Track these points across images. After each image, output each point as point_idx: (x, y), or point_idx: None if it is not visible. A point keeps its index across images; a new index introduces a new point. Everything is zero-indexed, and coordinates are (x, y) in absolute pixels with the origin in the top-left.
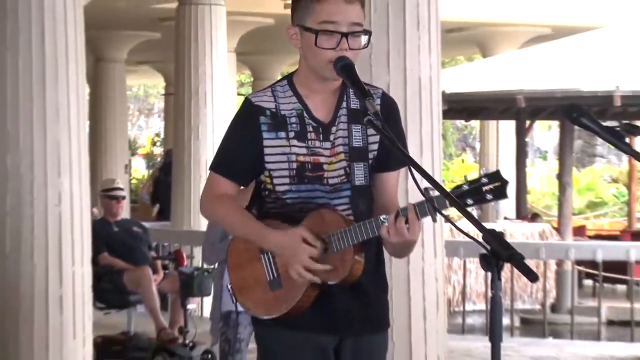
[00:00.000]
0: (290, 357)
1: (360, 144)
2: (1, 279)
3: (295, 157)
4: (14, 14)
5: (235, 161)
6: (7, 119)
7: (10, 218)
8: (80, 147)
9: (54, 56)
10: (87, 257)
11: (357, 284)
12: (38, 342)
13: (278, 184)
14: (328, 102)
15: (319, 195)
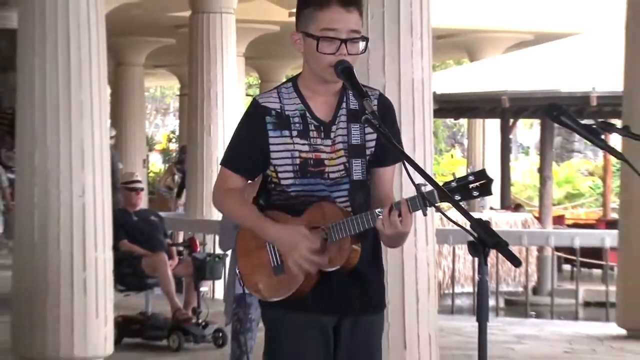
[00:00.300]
0: (294, 336)
1: (358, 141)
2: (30, 265)
3: (298, 153)
4: (42, 22)
5: (243, 157)
6: (34, 118)
7: (38, 209)
8: (102, 143)
9: (78, 60)
10: (108, 244)
11: (356, 272)
12: (64, 322)
13: (283, 177)
14: (329, 103)
15: (320, 189)
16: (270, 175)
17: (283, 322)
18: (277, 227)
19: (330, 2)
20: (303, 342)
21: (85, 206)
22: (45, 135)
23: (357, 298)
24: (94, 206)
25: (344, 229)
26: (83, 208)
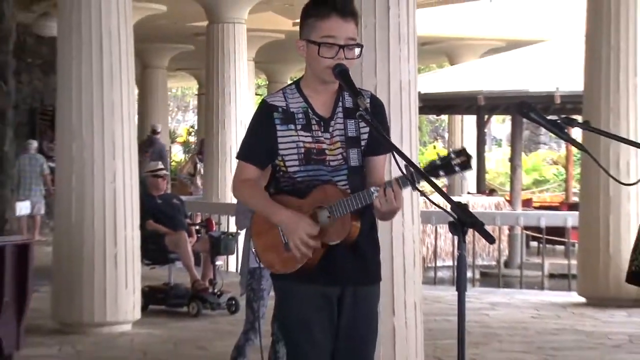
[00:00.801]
0: (302, 305)
1: (354, 134)
2: (68, 242)
3: (302, 144)
4: (78, 31)
5: (255, 150)
6: (72, 114)
7: (75, 194)
8: (131, 136)
9: (109, 65)
10: (136, 224)
11: (355, 246)
12: (98, 292)
13: (290, 165)
14: (327, 102)
15: (322, 174)
16: (278, 165)
17: (292, 292)
18: (283, 213)
19: (330, 14)
20: (309, 312)
21: (115, 191)
22: (81, 129)
23: (356, 271)
24: (123, 191)
25: (345, 206)
26: (114, 192)
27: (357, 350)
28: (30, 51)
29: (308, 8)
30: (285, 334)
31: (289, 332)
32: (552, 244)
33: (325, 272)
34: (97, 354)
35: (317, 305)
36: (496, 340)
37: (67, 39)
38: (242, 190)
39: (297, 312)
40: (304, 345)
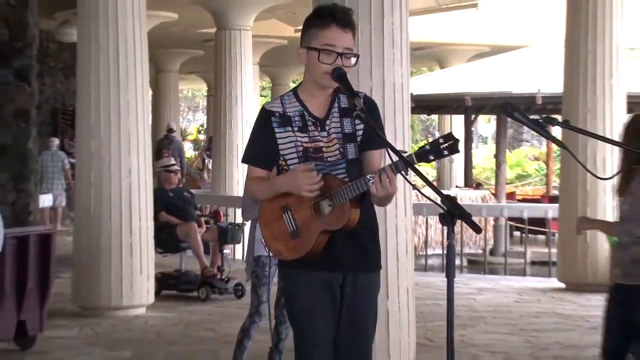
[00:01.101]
0: (306, 292)
1: (350, 130)
2: (87, 232)
3: (300, 143)
4: (96, 38)
5: (258, 152)
6: (91, 114)
7: (93, 188)
8: (145, 135)
9: (125, 68)
10: (149, 215)
11: (355, 235)
12: (114, 278)
13: (291, 163)
14: (323, 103)
15: (321, 168)
16: (281, 164)
17: (297, 280)
18: (281, 179)
19: (330, 24)
20: (313, 298)
21: (131, 185)
22: (99, 128)
23: (356, 258)
24: (138, 185)
25: (344, 194)
26: (129, 186)
27: (357, 336)
28: (53, 56)
29: (310, 18)
30: (292, 319)
31: (295, 317)
32: (533, 234)
33: (327, 259)
34: (114, 336)
35: (320, 292)
36: (482, 323)
37: (86, 45)
38: (250, 187)
39: (301, 299)
40: (308, 330)
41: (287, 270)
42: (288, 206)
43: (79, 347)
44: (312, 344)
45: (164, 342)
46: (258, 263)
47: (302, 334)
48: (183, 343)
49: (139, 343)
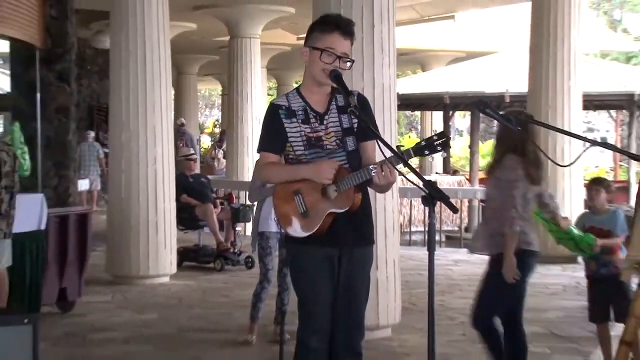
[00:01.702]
0: (309, 264)
1: (348, 125)
2: (119, 212)
3: (304, 133)
4: (126, 45)
5: (270, 140)
6: (122, 111)
7: (124, 174)
8: (168, 128)
9: (151, 71)
10: (172, 197)
11: (353, 216)
12: (142, 252)
13: (297, 149)
14: (322, 100)
15: (321, 156)
16: (288, 150)
17: (302, 254)
18: (305, 168)
19: (334, 30)
20: (315, 270)
21: (156, 171)
22: (129, 122)
23: (352, 236)
24: (162, 171)
25: (349, 181)
26: (155, 173)
27: (353, 301)
28: (89, 61)
29: (317, 23)
30: (296, 288)
31: (300, 287)
32: None
33: (328, 237)
34: (142, 301)
35: (321, 265)
36: (458, 290)
37: (117, 51)
38: (268, 170)
39: (305, 270)
40: (310, 297)
41: (294, 246)
42: (299, 190)
43: (112, 310)
44: (314, 308)
45: (185, 306)
46: (262, 237)
47: (305, 300)
48: (202, 307)
49: (163, 307)
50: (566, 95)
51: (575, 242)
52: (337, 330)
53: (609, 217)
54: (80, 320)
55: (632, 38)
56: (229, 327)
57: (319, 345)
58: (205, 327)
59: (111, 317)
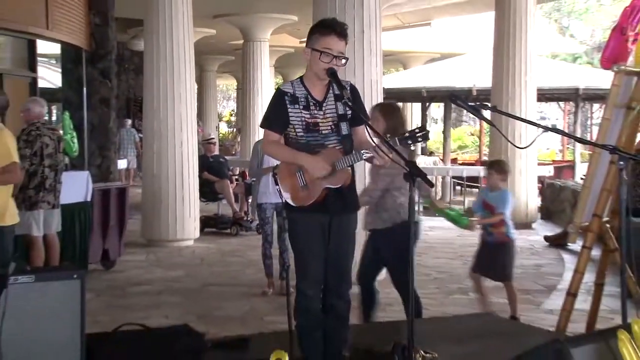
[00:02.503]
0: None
1: (342, 112)
2: (151, 187)
3: (304, 118)
4: (158, 47)
5: (274, 119)
6: (154, 102)
7: (156, 155)
8: (192, 117)
9: (178, 69)
10: (195, 175)
11: (341, 189)
12: (171, 220)
13: (298, 131)
14: (321, 90)
15: (318, 139)
16: (290, 132)
17: (300, 220)
18: (305, 157)
19: (331, 33)
20: (310, 233)
21: (182, 153)
22: (159, 112)
23: (340, 204)
24: (187, 153)
25: (344, 162)
26: (181, 154)
27: (341, 258)
28: (126, 60)
29: (316, 27)
30: (294, 247)
31: (297, 246)
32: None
33: (320, 206)
34: (170, 260)
35: (315, 228)
36: (433, 251)
37: (150, 52)
38: (272, 148)
39: (303, 233)
40: (307, 254)
41: (292, 214)
42: (301, 168)
43: (146, 267)
44: (310, 263)
45: (206, 265)
46: (260, 208)
47: (302, 257)
48: (220, 265)
49: (188, 265)
50: (523, 89)
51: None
52: (329, 282)
53: (498, 196)
54: (120, 275)
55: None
56: (243, 282)
57: (314, 293)
58: (223, 282)
59: (145, 274)
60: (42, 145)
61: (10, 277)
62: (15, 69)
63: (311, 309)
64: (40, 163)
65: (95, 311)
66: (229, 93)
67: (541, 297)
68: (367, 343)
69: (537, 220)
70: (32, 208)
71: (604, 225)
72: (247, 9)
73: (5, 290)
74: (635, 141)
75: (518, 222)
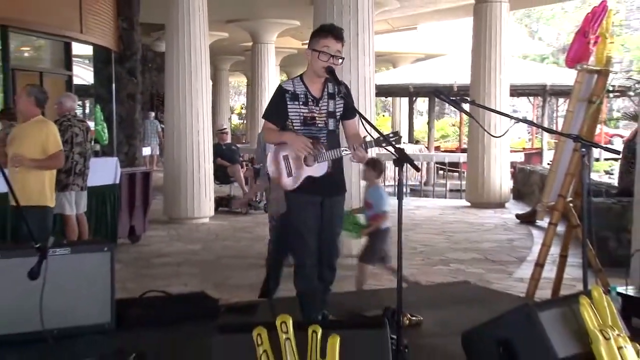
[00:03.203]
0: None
1: (332, 109)
2: (172, 171)
3: (302, 113)
4: (177, 49)
5: (274, 114)
6: (174, 97)
7: (175, 143)
8: (207, 110)
9: (195, 67)
10: (210, 160)
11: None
12: (189, 199)
13: (295, 125)
14: (319, 88)
15: (313, 131)
16: (289, 125)
17: (296, 199)
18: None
19: (328, 35)
20: (306, 210)
21: (199, 141)
22: (179, 105)
23: (330, 188)
24: (203, 141)
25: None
26: (198, 142)
27: (331, 233)
28: (150, 60)
29: (316, 31)
30: (292, 224)
31: (295, 223)
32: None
33: (314, 189)
34: (189, 235)
35: (309, 207)
36: (418, 227)
37: (170, 53)
38: (268, 134)
39: (299, 210)
40: (303, 229)
41: (290, 195)
42: (288, 156)
43: (167, 241)
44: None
45: (220, 239)
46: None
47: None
48: (232, 240)
49: (204, 240)
50: (497, 85)
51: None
52: (321, 254)
53: (372, 192)
54: (145, 249)
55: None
56: (252, 255)
57: (311, 263)
58: (235, 255)
59: (167, 247)
60: (72, 134)
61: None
62: (53, 68)
63: (309, 277)
64: (71, 150)
65: (123, 279)
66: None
67: (513, 268)
68: (360, 308)
69: (510, 200)
70: (64, 189)
71: (567, 205)
72: (256, 15)
73: (45, 261)
74: (595, 131)
75: (493, 203)
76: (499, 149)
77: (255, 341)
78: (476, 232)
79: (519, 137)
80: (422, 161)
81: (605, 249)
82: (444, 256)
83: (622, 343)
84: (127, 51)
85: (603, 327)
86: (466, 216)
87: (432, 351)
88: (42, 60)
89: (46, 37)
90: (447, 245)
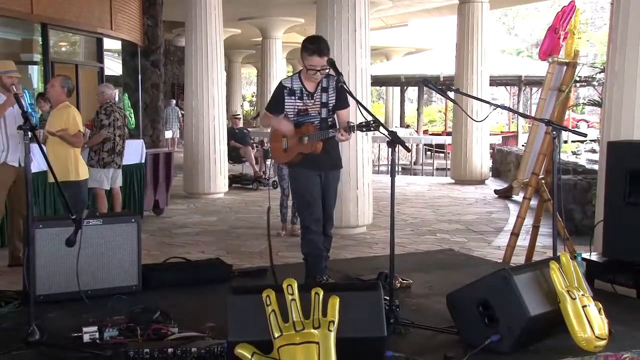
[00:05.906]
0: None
1: (326, 100)
2: (190, 151)
3: (297, 106)
4: (196, 43)
5: (274, 106)
6: (192, 86)
7: (194, 127)
8: (222, 97)
9: (212, 60)
10: (224, 142)
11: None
12: (206, 176)
13: (290, 115)
14: (313, 84)
15: (307, 120)
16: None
17: (299, 173)
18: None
19: (313, 54)
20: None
21: (215, 125)
22: (197, 93)
23: (327, 163)
24: (218, 125)
25: (315, 136)
26: (214, 126)
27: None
28: (172, 53)
29: (305, 44)
30: (298, 194)
31: (300, 192)
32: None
33: (314, 164)
34: (205, 208)
35: (312, 179)
36: (409, 202)
37: (189, 47)
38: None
39: (304, 183)
40: (309, 197)
41: (293, 169)
42: (286, 135)
43: (187, 214)
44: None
45: (234, 212)
46: (279, 167)
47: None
48: (244, 212)
49: (220, 212)
50: (479, 76)
51: None
52: None
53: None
54: (167, 220)
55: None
56: (261, 226)
57: (317, 229)
58: (246, 226)
59: (187, 219)
60: (114, 118)
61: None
62: (87, 61)
63: (315, 242)
64: (113, 132)
65: (148, 247)
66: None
67: (491, 237)
68: (357, 272)
69: (489, 177)
70: (105, 167)
71: (540, 181)
72: (265, 13)
73: (80, 230)
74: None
75: (474, 180)
76: (480, 132)
77: (264, 301)
78: (459, 206)
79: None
80: (412, 143)
81: (572, 220)
82: (431, 227)
83: (586, 302)
84: (152, 46)
85: (570, 288)
86: (451, 192)
87: (421, 310)
88: (77, 54)
89: (81, 33)
90: (434, 217)
